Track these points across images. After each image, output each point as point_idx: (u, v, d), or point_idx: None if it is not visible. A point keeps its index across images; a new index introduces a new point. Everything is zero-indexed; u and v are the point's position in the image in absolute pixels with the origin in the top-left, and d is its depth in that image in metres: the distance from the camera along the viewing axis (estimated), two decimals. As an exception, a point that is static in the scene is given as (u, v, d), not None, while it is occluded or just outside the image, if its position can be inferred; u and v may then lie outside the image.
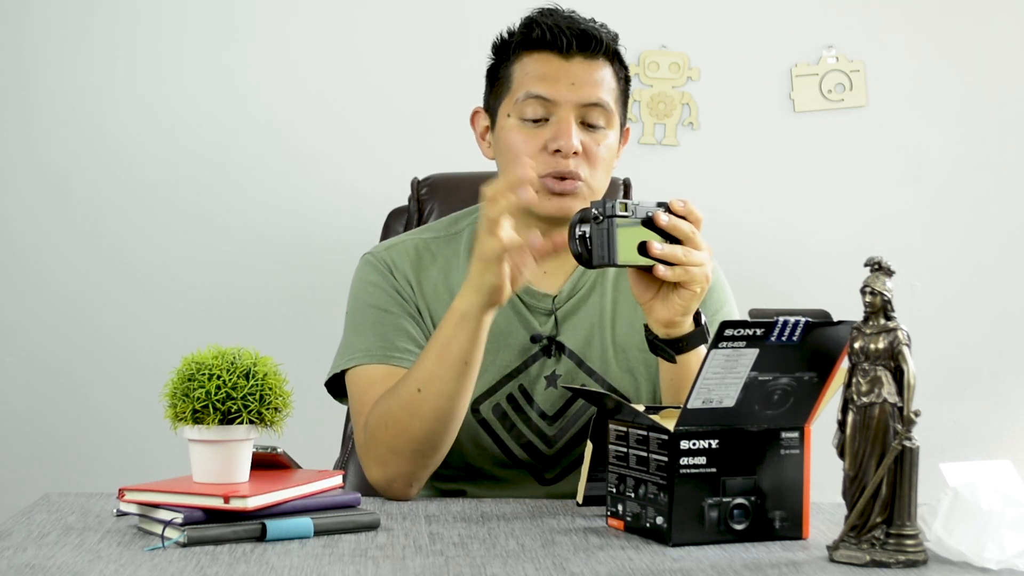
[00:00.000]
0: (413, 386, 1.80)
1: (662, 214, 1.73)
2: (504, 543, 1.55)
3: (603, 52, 1.93)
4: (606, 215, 1.70)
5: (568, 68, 1.92)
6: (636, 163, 2.98)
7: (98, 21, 2.98)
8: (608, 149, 1.93)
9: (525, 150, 1.91)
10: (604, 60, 1.93)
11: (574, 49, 1.91)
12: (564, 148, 1.89)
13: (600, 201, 1.71)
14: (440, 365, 1.78)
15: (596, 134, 1.92)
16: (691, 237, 1.73)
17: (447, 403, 1.79)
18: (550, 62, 1.92)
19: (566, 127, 1.90)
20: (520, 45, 1.94)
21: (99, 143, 2.99)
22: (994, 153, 3.11)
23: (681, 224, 1.73)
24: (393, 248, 2.02)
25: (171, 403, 1.58)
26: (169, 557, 1.45)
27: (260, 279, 3.01)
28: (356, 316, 1.97)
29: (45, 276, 2.98)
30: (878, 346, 1.47)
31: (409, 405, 1.80)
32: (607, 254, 1.71)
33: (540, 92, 1.91)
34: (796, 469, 1.58)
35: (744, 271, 2.98)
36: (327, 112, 3.01)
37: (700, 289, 1.74)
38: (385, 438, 1.83)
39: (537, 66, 1.92)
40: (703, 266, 1.73)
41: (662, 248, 1.72)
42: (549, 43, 1.92)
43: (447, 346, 1.77)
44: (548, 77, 1.91)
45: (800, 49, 3.08)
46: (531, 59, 1.93)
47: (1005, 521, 1.45)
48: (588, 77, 1.92)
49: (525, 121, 1.92)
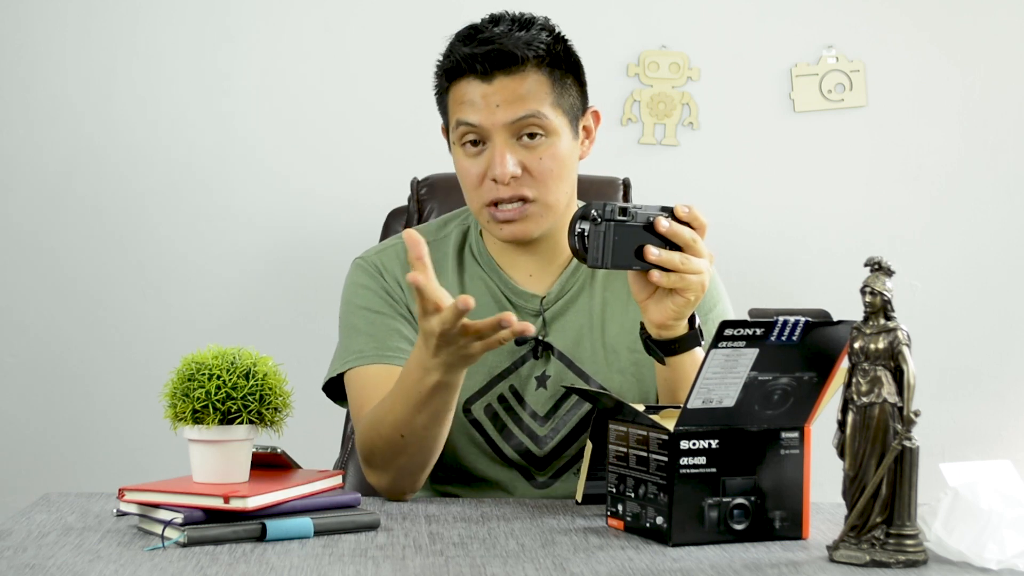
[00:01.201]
0: (396, 431, 1.78)
1: (663, 220, 1.72)
2: (504, 543, 1.55)
3: (525, 63, 1.89)
4: (604, 218, 1.70)
5: (491, 90, 1.89)
6: (636, 163, 2.98)
7: (98, 21, 2.98)
8: (554, 159, 1.90)
9: (470, 181, 1.91)
10: (531, 69, 1.89)
11: (493, 71, 1.88)
12: (499, 176, 1.88)
13: (601, 203, 1.70)
14: (420, 417, 1.75)
15: (536, 149, 1.89)
16: (691, 244, 1.73)
17: (431, 443, 1.80)
18: (473, 88, 1.89)
19: (499, 155, 1.88)
20: (446, 75, 1.93)
21: (99, 144, 2.98)
22: (994, 153, 3.11)
23: (682, 231, 1.72)
24: (383, 252, 2.03)
25: (171, 403, 1.58)
26: (169, 557, 1.45)
27: (260, 279, 3.01)
28: (349, 319, 1.98)
29: (45, 276, 2.98)
30: (878, 346, 1.47)
31: (393, 445, 1.80)
32: (601, 256, 1.70)
33: (467, 119, 1.89)
34: (796, 469, 1.58)
35: (744, 271, 2.98)
36: (327, 112, 3.01)
37: (695, 297, 1.73)
38: (374, 460, 1.84)
39: (462, 94, 1.91)
40: (701, 274, 1.72)
41: (658, 254, 1.71)
42: (467, 70, 1.89)
43: (425, 404, 1.74)
44: (473, 103, 1.89)
45: (800, 49, 3.08)
46: (457, 87, 1.92)
47: (1005, 521, 1.45)
48: (512, 94, 1.88)
49: (465, 146, 1.91)
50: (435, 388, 1.72)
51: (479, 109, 1.89)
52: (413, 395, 1.74)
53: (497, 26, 1.92)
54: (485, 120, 1.88)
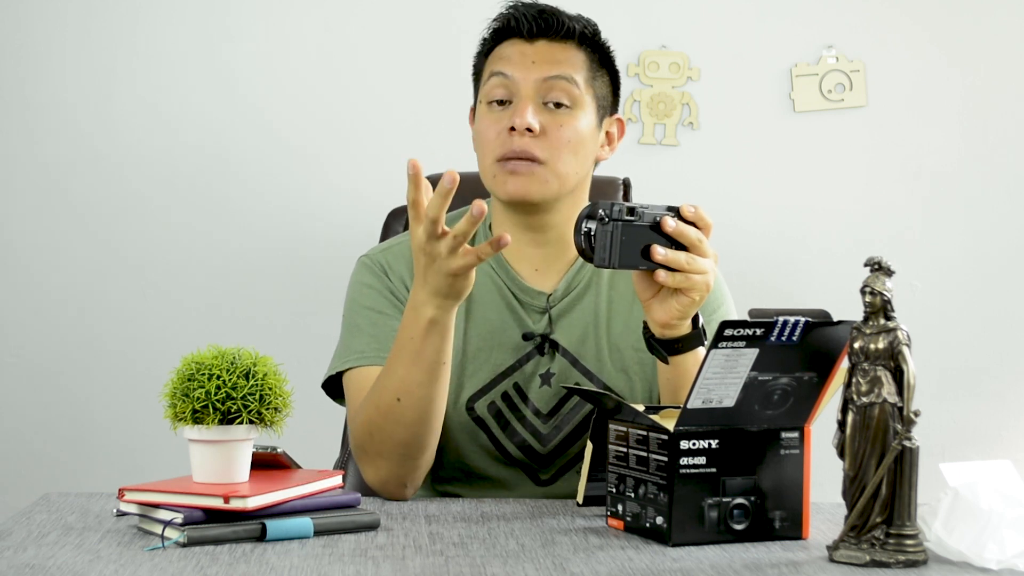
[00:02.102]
0: (391, 396, 1.79)
1: (669, 219, 1.72)
2: (504, 543, 1.55)
3: (570, 36, 1.95)
4: (612, 218, 1.69)
5: (531, 49, 1.95)
6: (636, 163, 2.98)
7: (98, 21, 2.98)
8: (575, 132, 1.92)
9: (489, 134, 1.93)
10: (572, 45, 1.95)
11: (538, 33, 1.95)
12: (517, 125, 1.90)
13: (607, 203, 1.70)
14: (417, 372, 1.77)
15: (559, 114, 1.92)
16: (697, 244, 1.73)
17: (428, 406, 1.79)
18: (515, 45, 1.96)
19: (522, 105, 1.91)
20: (491, 38, 1.99)
21: (99, 143, 2.99)
22: (994, 153, 3.11)
23: (688, 230, 1.72)
24: (388, 250, 2.02)
25: (171, 403, 1.58)
26: (169, 557, 1.45)
27: (260, 279, 3.01)
28: (352, 318, 1.98)
29: (45, 276, 2.98)
30: (878, 346, 1.47)
31: (390, 414, 1.80)
32: (608, 256, 1.70)
33: (501, 69, 1.94)
34: (796, 469, 1.58)
35: (744, 271, 2.98)
36: (327, 112, 3.01)
37: (700, 297, 1.74)
38: (372, 444, 1.83)
39: (503, 51, 1.97)
40: (706, 274, 1.73)
41: (664, 253, 1.71)
42: (514, 30, 1.96)
43: (420, 353, 1.76)
44: (511, 58, 1.94)
45: (800, 49, 3.08)
46: (500, 47, 1.98)
47: (1005, 521, 1.45)
48: (550, 56, 1.94)
49: (492, 104, 1.94)
50: (428, 329, 1.73)
51: (515, 63, 1.93)
52: (407, 346, 1.76)
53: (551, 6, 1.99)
54: (518, 72, 1.93)
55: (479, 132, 1.96)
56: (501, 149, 1.91)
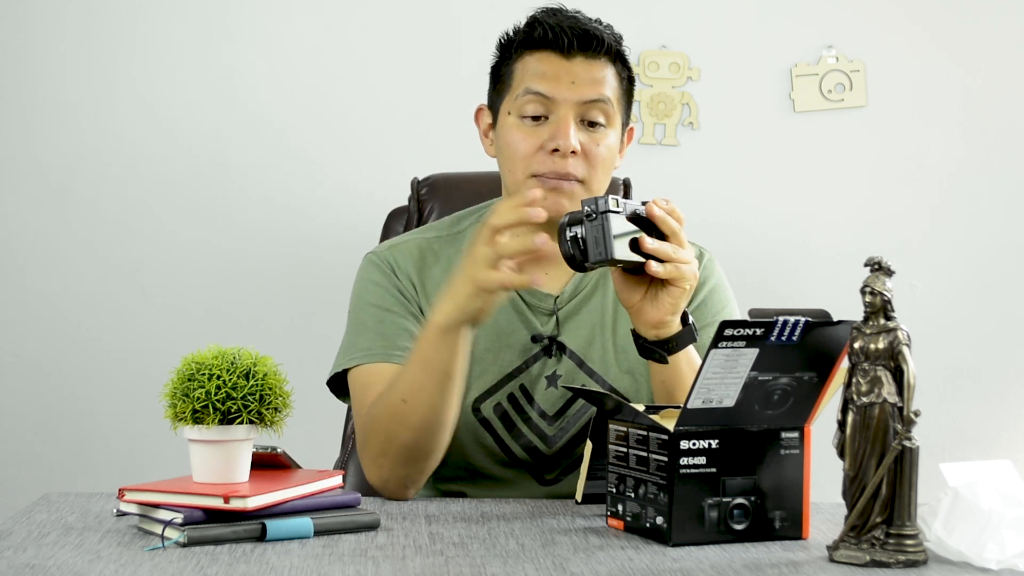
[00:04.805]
0: (399, 396, 1.80)
1: (655, 207, 1.73)
2: (504, 543, 1.55)
3: (605, 52, 1.92)
4: (599, 211, 1.69)
5: (569, 67, 1.91)
6: (636, 163, 2.97)
7: (98, 21, 2.98)
8: (608, 149, 1.92)
9: (523, 149, 1.91)
10: (606, 60, 1.93)
11: (575, 49, 1.91)
12: (562, 147, 1.88)
13: (591, 199, 1.71)
14: (424, 377, 1.77)
15: (596, 133, 1.92)
16: (677, 234, 1.75)
17: (433, 413, 1.79)
18: (551, 61, 1.92)
19: (564, 126, 1.89)
20: (522, 44, 1.94)
21: (99, 144, 2.99)
22: (994, 153, 3.11)
23: (669, 220, 1.74)
24: (396, 248, 2.02)
25: (171, 403, 1.58)
26: (169, 557, 1.45)
27: (260, 279, 3.01)
28: (358, 315, 1.97)
29: (45, 276, 2.98)
30: (878, 346, 1.47)
31: (396, 415, 1.80)
32: (604, 249, 1.69)
33: (539, 89, 1.91)
34: (796, 469, 1.58)
35: (744, 271, 2.98)
36: (327, 112, 3.01)
37: (689, 286, 1.75)
38: (376, 443, 1.83)
39: (538, 64, 1.92)
40: (691, 263, 1.75)
41: (654, 243, 1.72)
42: (551, 42, 1.91)
43: (430, 360, 1.76)
44: (548, 75, 1.91)
45: (800, 49, 3.08)
46: (532, 58, 1.93)
47: (1005, 521, 1.45)
48: (589, 76, 1.91)
49: (524, 119, 1.92)
50: (440, 338, 1.74)
51: (553, 82, 1.91)
52: (419, 350, 1.77)
53: (577, 13, 1.96)
54: (558, 93, 1.90)
55: (508, 144, 1.93)
56: (540, 167, 1.90)
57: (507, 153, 1.93)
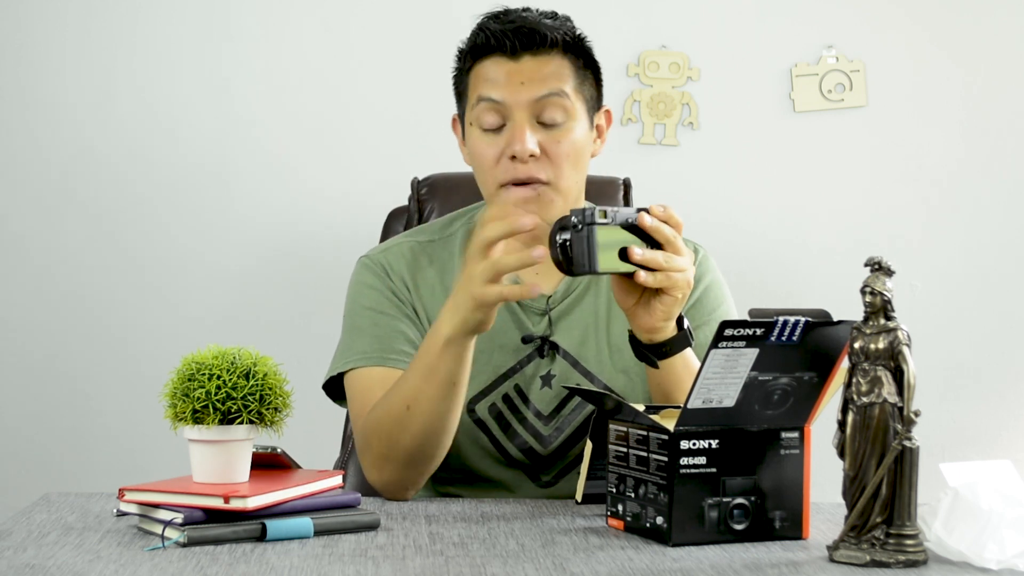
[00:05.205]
0: (402, 403, 1.80)
1: (646, 216, 1.71)
2: (504, 543, 1.55)
3: (552, 45, 1.90)
4: (586, 222, 1.68)
5: (517, 68, 1.90)
6: (636, 163, 2.98)
7: (98, 21, 2.98)
8: (573, 144, 1.90)
9: (487, 160, 1.90)
10: (556, 53, 1.90)
11: (520, 49, 1.89)
12: (519, 152, 1.87)
13: (580, 209, 1.69)
14: (427, 386, 1.77)
15: (556, 131, 1.89)
16: (672, 242, 1.72)
17: (436, 420, 1.79)
18: (499, 65, 1.90)
19: (519, 131, 1.87)
20: (471, 53, 1.94)
21: (99, 144, 2.99)
22: (994, 153, 3.11)
23: (663, 228, 1.72)
24: (389, 251, 2.02)
25: (171, 403, 1.58)
26: (169, 557, 1.45)
27: (260, 279, 3.01)
28: (353, 319, 1.98)
29: (45, 276, 2.98)
30: (878, 346, 1.47)
31: (399, 421, 1.80)
32: (587, 262, 1.68)
33: (490, 95, 1.89)
34: (796, 469, 1.58)
35: (744, 271, 2.98)
36: (327, 112, 3.01)
37: (682, 295, 1.73)
38: (378, 447, 1.83)
39: (487, 71, 1.91)
40: (685, 271, 1.72)
41: (643, 253, 1.70)
42: (495, 47, 1.90)
43: (433, 369, 1.76)
44: (498, 80, 1.89)
45: (800, 49, 3.08)
46: (482, 66, 1.92)
47: (1005, 521, 1.45)
48: (538, 73, 1.89)
49: (485, 130, 1.91)
50: (444, 348, 1.74)
51: (503, 86, 1.89)
52: (423, 359, 1.77)
53: (526, 11, 1.93)
54: (508, 97, 1.88)
55: (476, 155, 1.93)
56: (504, 176, 1.89)
57: (475, 165, 1.94)
